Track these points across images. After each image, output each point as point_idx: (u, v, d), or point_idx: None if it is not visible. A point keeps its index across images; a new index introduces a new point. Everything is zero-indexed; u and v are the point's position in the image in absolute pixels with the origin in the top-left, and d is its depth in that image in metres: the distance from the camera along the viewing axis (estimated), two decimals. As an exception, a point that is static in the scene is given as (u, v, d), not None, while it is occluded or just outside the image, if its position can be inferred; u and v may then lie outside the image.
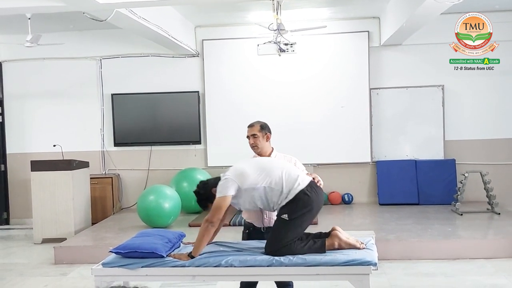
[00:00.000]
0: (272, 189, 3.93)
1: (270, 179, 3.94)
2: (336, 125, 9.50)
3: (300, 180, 3.96)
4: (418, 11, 6.83)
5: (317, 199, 3.98)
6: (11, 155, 10.08)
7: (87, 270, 5.92)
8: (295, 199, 3.90)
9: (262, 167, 4.04)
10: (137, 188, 9.74)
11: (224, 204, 3.92)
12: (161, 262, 3.91)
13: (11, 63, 10.01)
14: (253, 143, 4.44)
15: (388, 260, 6.35)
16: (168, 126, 9.81)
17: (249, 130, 4.49)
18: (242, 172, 3.97)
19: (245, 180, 3.94)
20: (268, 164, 4.11)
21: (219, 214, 3.92)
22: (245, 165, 4.06)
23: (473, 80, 9.36)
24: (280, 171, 3.98)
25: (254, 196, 3.96)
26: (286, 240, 3.87)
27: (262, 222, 4.36)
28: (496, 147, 9.41)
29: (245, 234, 4.51)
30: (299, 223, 3.92)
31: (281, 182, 3.93)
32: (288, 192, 3.92)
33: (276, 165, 4.07)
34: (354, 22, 9.49)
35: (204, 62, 9.71)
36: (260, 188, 3.94)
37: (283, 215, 3.92)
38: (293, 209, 3.90)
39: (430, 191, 9.27)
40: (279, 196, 3.93)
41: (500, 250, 6.60)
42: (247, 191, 3.95)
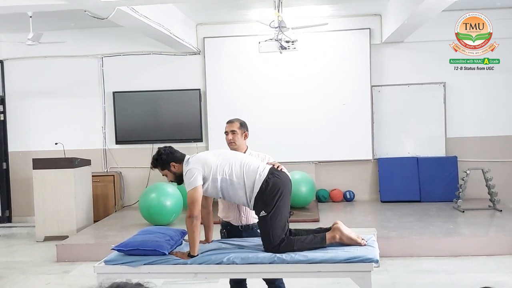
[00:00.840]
0: (233, 182, 3.95)
1: (230, 171, 3.97)
2: (338, 122, 9.50)
3: (260, 171, 3.97)
4: (420, 8, 6.82)
5: (282, 182, 3.97)
6: (13, 153, 10.10)
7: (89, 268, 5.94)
8: (261, 192, 3.91)
9: (224, 158, 4.06)
10: (139, 186, 9.74)
11: (197, 195, 3.92)
12: (163, 260, 3.91)
13: (12, 61, 10.02)
14: (232, 139, 4.43)
15: (389, 257, 6.36)
16: (169, 124, 9.81)
17: (229, 126, 4.48)
18: (205, 161, 3.99)
19: (209, 169, 3.96)
20: (231, 156, 4.12)
21: (197, 205, 3.92)
22: (209, 155, 4.10)
23: (475, 78, 9.34)
24: (240, 164, 4.00)
25: (216, 187, 3.99)
26: (277, 234, 3.86)
27: (240, 220, 4.35)
28: (498, 144, 9.40)
29: (223, 234, 4.48)
30: (278, 212, 3.91)
31: (242, 176, 3.95)
32: (252, 185, 3.93)
33: (237, 158, 4.09)
34: (355, 20, 9.48)
35: (205, 60, 9.71)
36: (221, 179, 3.95)
37: (260, 213, 3.93)
38: (265, 202, 3.90)
39: (431, 188, 9.27)
40: (241, 189, 3.95)
41: (502, 247, 6.60)
42: (210, 181, 3.97)
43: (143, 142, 9.85)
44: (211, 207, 4.30)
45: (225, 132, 4.48)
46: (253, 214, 4.23)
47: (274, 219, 3.89)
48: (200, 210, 3.96)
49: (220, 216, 4.49)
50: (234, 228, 4.38)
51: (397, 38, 9.09)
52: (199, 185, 3.93)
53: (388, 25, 8.91)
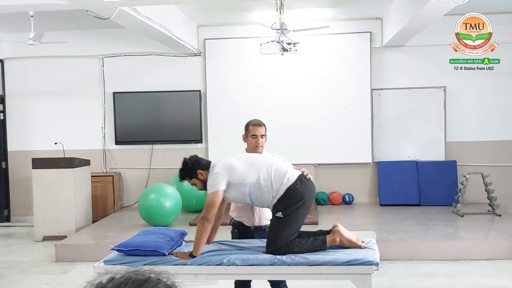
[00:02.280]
0: (261, 185, 3.93)
1: (258, 175, 3.94)
2: (338, 125, 9.50)
3: (289, 175, 3.96)
4: (421, 12, 6.83)
5: (308, 191, 3.97)
6: (13, 153, 10.09)
7: (88, 268, 5.94)
8: (286, 195, 3.90)
9: (251, 162, 4.04)
10: (138, 186, 9.74)
11: (217, 199, 3.92)
12: (163, 260, 3.91)
13: (13, 61, 10.02)
14: (261, 143, 4.40)
15: (389, 260, 6.35)
16: (169, 124, 9.81)
17: (257, 129, 4.40)
18: (231, 166, 3.97)
19: (234, 175, 3.94)
20: (257, 159, 4.11)
21: (213, 209, 3.91)
22: (234, 160, 4.06)
23: (475, 82, 9.36)
24: (267, 167, 3.98)
25: (243, 192, 3.96)
26: (284, 237, 3.86)
27: (252, 220, 4.35)
28: (497, 149, 9.41)
29: (234, 234, 4.48)
30: (294, 218, 3.91)
31: (270, 178, 3.93)
32: (278, 188, 3.91)
33: (264, 161, 4.07)
34: (356, 23, 9.49)
35: (206, 61, 9.71)
36: (249, 184, 3.93)
37: (277, 213, 3.91)
38: (286, 205, 3.89)
39: (431, 192, 9.27)
40: (269, 192, 3.93)
41: (501, 251, 6.61)
42: (237, 186, 3.95)
43: (142, 142, 9.85)
44: (223, 211, 4.27)
45: (252, 135, 4.41)
46: (266, 216, 4.23)
47: (287, 223, 3.88)
48: (215, 215, 3.95)
49: (232, 216, 4.48)
50: (246, 229, 4.37)
51: (398, 42, 9.11)
52: (220, 190, 3.92)
53: (389, 29, 8.92)
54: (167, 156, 9.83)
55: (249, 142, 4.43)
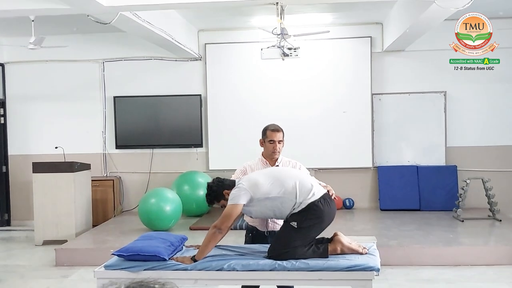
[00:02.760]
0: (285, 199, 3.90)
1: (283, 189, 3.91)
2: (338, 130, 9.51)
3: (315, 191, 3.94)
4: (421, 17, 6.84)
5: (329, 212, 3.96)
6: (13, 157, 10.08)
7: (88, 273, 5.95)
8: (307, 209, 3.88)
9: (275, 176, 4.00)
10: (138, 191, 9.74)
11: (235, 212, 3.90)
12: (163, 265, 3.91)
13: (14, 65, 10.02)
14: (278, 149, 4.38)
15: (389, 266, 6.34)
16: (170, 129, 9.81)
17: (275, 134, 4.39)
18: (255, 182, 3.95)
19: (258, 190, 3.91)
20: (281, 173, 4.07)
21: (229, 221, 3.90)
22: (259, 176, 4.03)
23: (476, 87, 9.38)
24: (293, 181, 3.94)
25: (266, 205, 3.93)
26: (290, 246, 3.86)
27: (266, 226, 4.36)
28: (497, 154, 9.41)
29: (248, 238, 4.49)
30: (306, 232, 3.90)
31: (295, 192, 3.90)
32: (302, 201, 3.89)
33: (290, 175, 4.04)
34: (357, 28, 9.51)
35: (206, 65, 9.72)
36: (273, 198, 3.91)
37: (292, 222, 3.89)
38: (304, 218, 3.87)
39: (431, 197, 9.27)
40: (292, 206, 3.91)
41: (502, 257, 6.60)
42: (260, 201, 3.92)
43: (143, 147, 9.86)
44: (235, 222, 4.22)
45: (271, 140, 4.41)
46: (279, 222, 4.20)
47: (299, 234, 3.87)
48: (228, 226, 3.94)
49: (246, 221, 4.49)
50: (259, 233, 4.38)
51: (398, 46, 9.12)
52: (240, 204, 3.90)
53: (390, 34, 8.93)
54: (168, 160, 9.83)
55: (266, 147, 4.42)
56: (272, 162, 4.48)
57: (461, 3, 6.00)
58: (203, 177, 9.10)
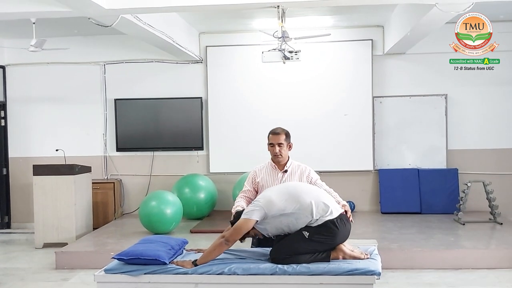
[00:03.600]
0: (300, 215, 3.91)
1: (298, 205, 3.91)
2: (339, 133, 9.50)
3: (333, 209, 3.95)
4: (422, 20, 6.84)
5: (343, 232, 3.97)
6: (14, 159, 10.08)
7: (88, 276, 5.94)
8: (323, 225, 3.90)
9: (290, 192, 4.00)
10: (139, 193, 9.73)
11: (246, 226, 3.92)
12: (163, 269, 3.91)
13: (15, 67, 10.03)
14: (279, 152, 4.35)
15: (390, 269, 6.32)
16: (170, 131, 9.80)
17: (275, 137, 4.38)
18: (270, 199, 3.96)
19: (272, 207, 3.92)
20: (296, 189, 4.06)
21: (238, 235, 3.92)
22: (273, 193, 4.04)
23: (477, 90, 9.38)
24: (309, 198, 3.94)
25: (282, 221, 3.95)
26: (293, 252, 3.87)
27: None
28: (499, 157, 9.40)
29: (255, 240, 4.48)
30: (316, 245, 3.92)
31: (311, 209, 3.91)
32: (319, 218, 3.91)
33: (305, 191, 4.04)
34: (358, 31, 9.50)
35: (207, 68, 9.72)
36: (288, 214, 3.92)
37: (304, 231, 3.91)
38: (317, 232, 3.90)
39: (432, 200, 9.25)
40: (308, 220, 3.92)
41: (503, 260, 6.57)
42: (275, 218, 3.93)
43: (143, 149, 9.85)
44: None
45: (270, 143, 4.39)
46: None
47: (306, 244, 3.89)
48: (236, 240, 3.96)
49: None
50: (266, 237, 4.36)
51: (399, 49, 9.12)
52: (253, 220, 3.92)
53: (391, 37, 8.93)
54: (168, 163, 9.83)
55: (269, 150, 4.41)
56: (281, 167, 4.45)
57: (462, 6, 6.00)
58: (204, 180, 9.10)
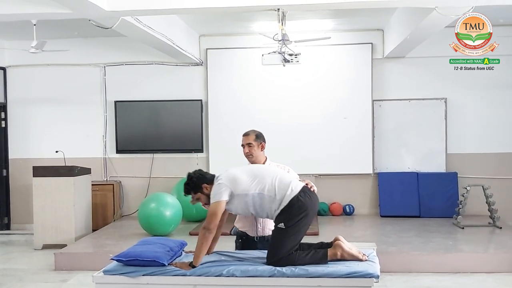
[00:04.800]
0: (264, 196, 3.94)
1: (262, 185, 3.95)
2: (339, 136, 9.51)
3: (293, 186, 3.96)
4: (422, 24, 6.86)
5: (311, 203, 3.97)
6: (14, 160, 10.10)
7: (87, 277, 5.93)
8: (289, 206, 3.90)
9: (255, 173, 4.04)
10: (138, 195, 9.74)
11: (219, 209, 3.92)
12: (162, 271, 3.90)
13: (15, 69, 10.04)
14: (248, 152, 4.45)
15: (389, 272, 6.33)
16: (170, 134, 9.82)
17: (245, 138, 4.50)
18: (234, 178, 3.98)
19: (238, 186, 3.95)
20: (261, 170, 4.12)
21: (215, 219, 3.91)
22: (238, 171, 4.07)
23: (476, 94, 9.39)
24: (271, 178, 3.99)
25: (247, 202, 3.97)
26: (285, 249, 3.86)
27: (256, 231, 4.37)
28: (498, 161, 9.41)
29: (238, 244, 4.50)
30: (296, 230, 3.91)
31: (274, 189, 3.94)
32: (282, 199, 3.91)
33: (268, 172, 4.08)
34: (358, 34, 9.53)
35: (207, 70, 9.74)
36: (253, 195, 3.94)
37: (279, 224, 3.91)
38: (289, 216, 3.89)
39: (431, 204, 9.26)
40: (272, 203, 3.93)
41: (502, 264, 6.57)
42: (240, 197, 3.95)
43: (143, 151, 9.86)
44: (224, 222, 4.26)
45: (242, 145, 4.48)
46: (269, 226, 4.24)
47: (289, 234, 3.88)
48: (217, 224, 3.96)
49: (237, 226, 4.50)
50: (249, 239, 4.39)
51: (399, 53, 9.13)
52: (223, 200, 3.93)
53: (390, 40, 8.95)
54: (168, 165, 9.84)
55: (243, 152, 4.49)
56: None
57: (462, 10, 6.02)
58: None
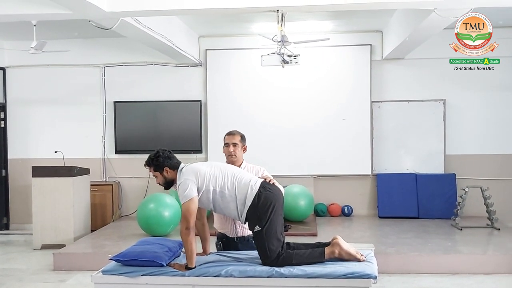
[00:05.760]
0: (225, 194, 3.97)
1: (223, 183, 3.98)
2: (337, 137, 9.52)
3: (252, 184, 3.99)
4: (421, 25, 6.87)
5: (273, 196, 3.98)
6: (13, 160, 10.10)
7: (86, 277, 5.94)
8: (253, 206, 3.92)
9: (218, 171, 4.05)
10: (137, 196, 9.74)
11: (193, 207, 3.93)
12: (161, 271, 3.92)
13: (15, 69, 10.05)
14: (233, 152, 4.44)
15: (387, 273, 6.35)
16: (169, 134, 9.82)
17: (230, 137, 4.49)
18: (198, 171, 4.00)
19: (201, 179, 3.97)
20: (225, 169, 4.12)
21: (192, 218, 3.92)
22: (203, 166, 4.08)
23: (475, 95, 9.41)
24: (232, 177, 4.01)
25: (208, 198, 4.00)
26: (273, 248, 3.87)
27: (235, 231, 4.37)
28: (496, 163, 9.42)
29: (218, 246, 4.50)
30: (272, 225, 3.92)
31: (234, 188, 3.97)
32: (244, 199, 3.94)
33: (231, 171, 4.09)
34: (357, 35, 9.54)
35: (207, 71, 9.75)
36: (213, 191, 3.96)
37: (254, 227, 3.93)
38: (258, 216, 3.91)
39: (430, 205, 9.27)
40: (233, 202, 3.96)
41: (500, 266, 6.59)
42: (204, 193, 3.97)
43: (142, 152, 9.81)
44: (205, 219, 4.30)
45: (226, 143, 4.48)
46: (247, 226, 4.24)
47: (268, 233, 3.90)
48: (194, 221, 3.96)
49: (216, 228, 4.50)
50: (229, 240, 4.40)
51: (398, 54, 9.15)
52: (194, 196, 3.94)
53: (389, 42, 8.96)
54: (167, 165, 9.81)
55: (224, 151, 4.49)
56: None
57: (461, 12, 6.03)
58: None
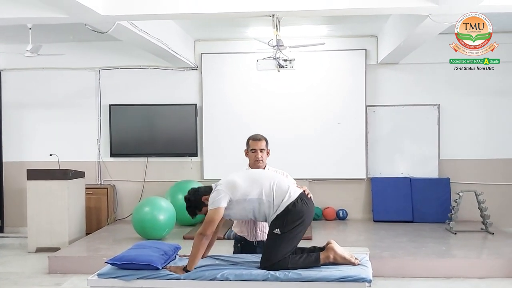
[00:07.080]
0: (263, 201, 3.95)
1: (260, 190, 3.97)
2: (332, 141, 9.55)
3: (291, 192, 3.99)
4: (416, 30, 6.91)
5: (307, 210, 4.00)
6: (8, 163, 10.08)
7: (81, 281, 5.94)
8: (285, 212, 3.92)
9: (253, 178, 4.06)
10: (132, 199, 9.74)
11: (217, 216, 3.93)
12: (156, 275, 3.92)
13: (10, 72, 10.04)
14: (261, 158, 4.42)
15: (382, 277, 6.36)
16: (165, 138, 9.83)
17: (256, 143, 4.45)
18: (233, 184, 3.99)
19: (237, 192, 3.96)
20: (259, 175, 4.13)
21: (212, 226, 3.93)
22: (236, 177, 4.08)
23: (469, 100, 9.46)
24: (270, 183, 4.00)
25: (245, 208, 3.98)
26: (280, 254, 3.88)
27: (255, 236, 4.39)
28: (490, 167, 9.47)
29: (236, 248, 4.51)
30: (291, 236, 3.93)
31: (271, 194, 3.96)
32: (279, 204, 3.94)
33: (266, 176, 4.09)
34: (352, 40, 9.58)
35: (202, 75, 9.77)
36: (251, 200, 3.96)
37: (275, 229, 3.93)
38: (285, 222, 3.91)
39: (424, 209, 9.31)
40: (270, 208, 3.95)
41: (494, 270, 6.62)
42: (239, 203, 3.97)
43: (137, 155, 9.86)
44: (220, 228, 4.25)
45: (252, 149, 4.44)
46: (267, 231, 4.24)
47: (284, 240, 3.90)
48: (213, 231, 3.97)
49: (235, 231, 4.51)
50: (248, 243, 4.41)
51: (393, 59, 9.19)
52: (221, 207, 3.93)
53: (384, 47, 9.01)
54: (162, 169, 9.85)
55: (249, 156, 4.47)
56: None
57: (455, 17, 6.07)
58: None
